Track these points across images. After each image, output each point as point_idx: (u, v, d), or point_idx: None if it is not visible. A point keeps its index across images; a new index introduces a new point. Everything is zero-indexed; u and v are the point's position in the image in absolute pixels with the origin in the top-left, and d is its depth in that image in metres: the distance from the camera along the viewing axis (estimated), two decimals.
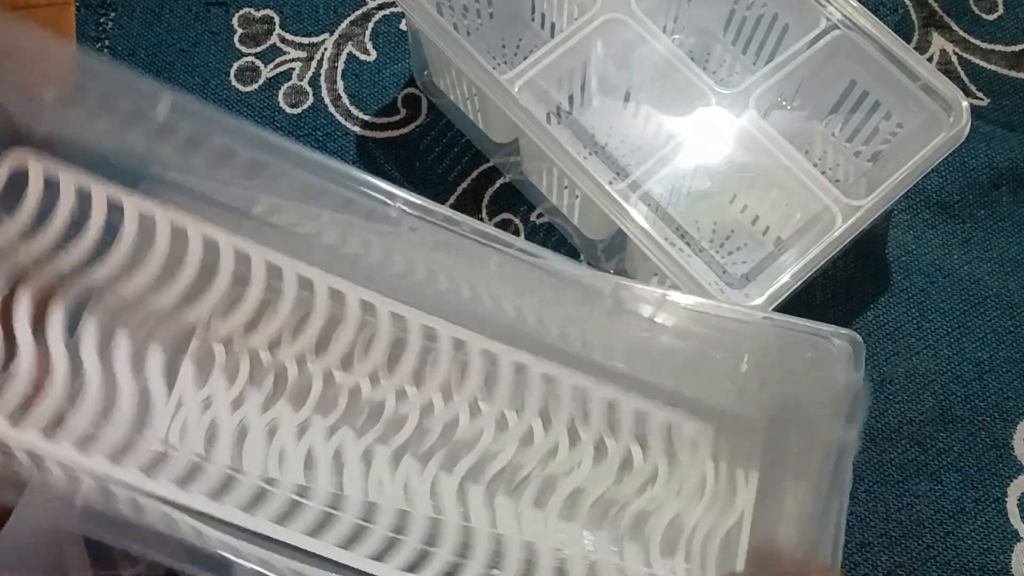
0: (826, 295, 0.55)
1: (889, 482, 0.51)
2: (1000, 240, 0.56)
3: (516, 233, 0.56)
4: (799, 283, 0.45)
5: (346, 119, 0.59)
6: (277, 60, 0.61)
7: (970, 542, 0.50)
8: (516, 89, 0.49)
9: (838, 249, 0.46)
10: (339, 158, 0.58)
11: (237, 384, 0.39)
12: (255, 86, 0.60)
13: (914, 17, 0.62)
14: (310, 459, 0.38)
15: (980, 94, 0.60)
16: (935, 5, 0.62)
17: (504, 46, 0.60)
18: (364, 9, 0.62)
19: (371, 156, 0.59)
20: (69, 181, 0.37)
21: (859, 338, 0.41)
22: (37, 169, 0.37)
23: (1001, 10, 0.62)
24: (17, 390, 0.35)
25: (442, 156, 0.58)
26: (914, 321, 0.54)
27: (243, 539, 0.35)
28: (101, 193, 0.37)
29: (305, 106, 0.60)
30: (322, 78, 0.60)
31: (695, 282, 0.44)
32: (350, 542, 0.36)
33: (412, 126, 0.59)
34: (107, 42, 0.61)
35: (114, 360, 0.37)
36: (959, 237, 0.57)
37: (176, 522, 0.33)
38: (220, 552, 0.31)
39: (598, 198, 0.46)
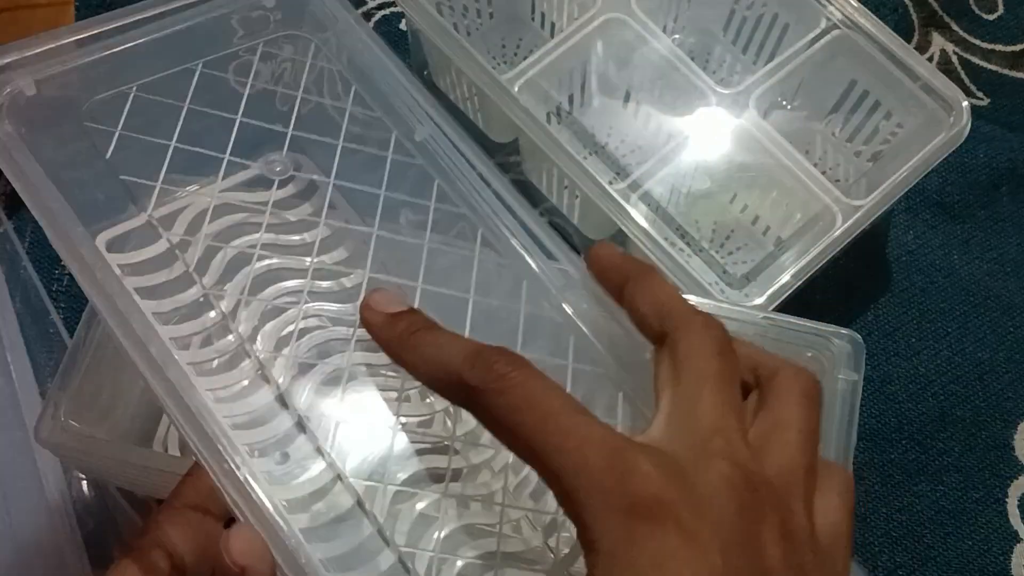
0: (826, 295, 0.55)
1: (889, 482, 0.51)
2: (1000, 240, 0.56)
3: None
4: (799, 283, 0.45)
5: None
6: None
7: (970, 542, 0.50)
8: (516, 89, 0.49)
9: (838, 249, 0.46)
10: None
11: None
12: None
13: (914, 17, 0.62)
14: None
15: (980, 94, 0.60)
16: (935, 5, 0.62)
17: (504, 46, 0.60)
18: (364, 9, 0.62)
19: None
20: None
21: (859, 338, 0.41)
22: None
23: (1001, 10, 0.62)
24: None
25: None
26: (914, 321, 0.54)
27: None
28: None
29: None
30: None
31: (695, 282, 0.44)
32: None
33: None
34: None
35: None
36: (959, 237, 0.57)
37: None
38: None
39: (598, 198, 0.46)
